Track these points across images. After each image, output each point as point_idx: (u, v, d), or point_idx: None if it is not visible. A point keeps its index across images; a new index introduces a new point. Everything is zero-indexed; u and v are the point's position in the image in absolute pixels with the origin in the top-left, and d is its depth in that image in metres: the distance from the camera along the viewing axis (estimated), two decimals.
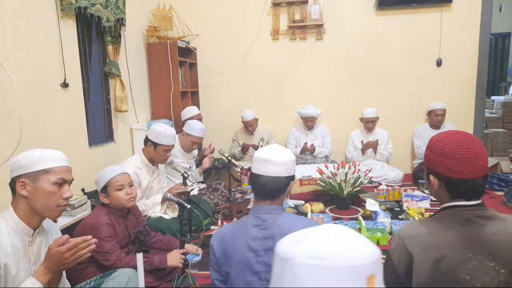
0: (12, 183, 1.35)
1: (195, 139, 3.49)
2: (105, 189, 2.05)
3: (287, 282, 0.64)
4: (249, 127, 4.48)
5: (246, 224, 1.42)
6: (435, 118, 4.21)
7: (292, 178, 1.45)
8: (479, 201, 1.16)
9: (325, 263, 0.61)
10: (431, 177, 1.21)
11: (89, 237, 1.34)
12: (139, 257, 1.50)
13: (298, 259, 0.63)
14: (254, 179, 1.43)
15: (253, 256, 1.35)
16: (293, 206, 3.44)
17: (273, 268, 0.69)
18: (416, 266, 1.10)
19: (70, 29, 2.89)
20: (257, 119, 4.53)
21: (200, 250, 2.33)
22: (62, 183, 1.38)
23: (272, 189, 1.40)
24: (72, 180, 1.44)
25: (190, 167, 3.60)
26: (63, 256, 1.28)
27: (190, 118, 3.90)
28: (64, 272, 1.51)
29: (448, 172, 1.14)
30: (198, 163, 3.82)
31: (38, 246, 1.41)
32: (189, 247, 2.30)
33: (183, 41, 4.30)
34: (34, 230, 1.39)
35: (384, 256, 0.98)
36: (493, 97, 6.91)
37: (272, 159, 1.39)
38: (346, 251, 0.63)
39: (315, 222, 1.57)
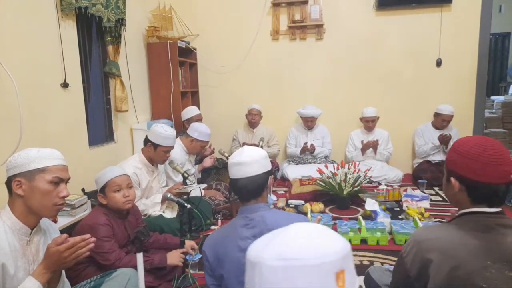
0: (8, 182, 1.35)
1: (205, 144, 3.53)
2: (103, 189, 2.05)
3: (257, 285, 0.63)
4: (253, 117, 4.48)
5: (235, 226, 1.44)
6: (441, 122, 4.20)
7: (269, 173, 1.49)
8: (499, 209, 1.13)
9: (292, 264, 0.61)
10: (452, 179, 1.18)
11: (88, 236, 1.33)
12: (139, 257, 1.50)
13: (266, 262, 0.62)
14: (234, 184, 1.46)
15: (244, 255, 1.35)
16: (293, 206, 3.45)
17: (245, 272, 0.69)
18: (433, 271, 1.07)
19: (70, 29, 2.89)
20: (261, 116, 4.56)
21: (197, 252, 2.32)
22: (58, 182, 1.37)
23: (252, 189, 1.44)
24: (69, 179, 1.44)
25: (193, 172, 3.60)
26: (62, 256, 1.27)
27: (190, 118, 3.91)
28: (63, 272, 1.51)
29: (472, 175, 1.12)
30: (198, 163, 3.82)
31: (36, 245, 1.41)
32: (188, 243, 2.30)
33: (183, 41, 4.30)
34: (32, 229, 1.38)
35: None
36: (493, 97, 6.91)
37: (243, 160, 1.43)
38: (313, 249, 0.62)
39: (304, 217, 1.58)
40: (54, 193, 1.36)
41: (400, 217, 3.08)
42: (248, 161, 1.42)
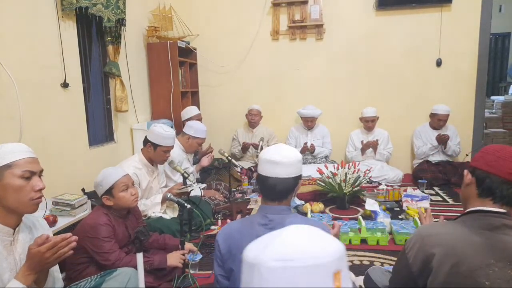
0: None
1: (202, 141, 3.54)
2: (109, 191, 2.04)
3: (256, 286, 0.64)
4: (252, 117, 4.49)
5: (252, 222, 1.42)
6: (437, 121, 4.20)
7: (299, 177, 1.44)
8: (505, 210, 1.15)
9: (291, 264, 0.62)
10: (466, 171, 1.23)
11: (69, 234, 1.29)
12: (139, 257, 1.50)
13: (266, 264, 0.63)
14: (263, 181, 1.41)
15: None
16: (293, 206, 3.44)
17: (241, 275, 0.69)
18: (435, 266, 1.08)
19: (70, 29, 2.89)
20: (261, 116, 4.57)
21: (198, 252, 2.32)
22: (30, 175, 1.31)
23: (281, 191, 1.40)
24: (42, 171, 1.37)
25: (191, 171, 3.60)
26: (44, 256, 1.23)
27: (190, 119, 3.91)
28: (56, 268, 1.48)
29: (484, 166, 1.16)
30: (197, 162, 3.82)
31: (22, 244, 1.36)
32: (188, 245, 2.30)
33: (183, 41, 4.30)
34: (14, 229, 1.33)
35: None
36: (493, 97, 6.92)
37: (281, 160, 1.37)
38: (311, 250, 0.64)
39: (322, 224, 1.55)
40: (28, 187, 1.29)
41: (400, 217, 3.08)
42: (285, 162, 1.37)
